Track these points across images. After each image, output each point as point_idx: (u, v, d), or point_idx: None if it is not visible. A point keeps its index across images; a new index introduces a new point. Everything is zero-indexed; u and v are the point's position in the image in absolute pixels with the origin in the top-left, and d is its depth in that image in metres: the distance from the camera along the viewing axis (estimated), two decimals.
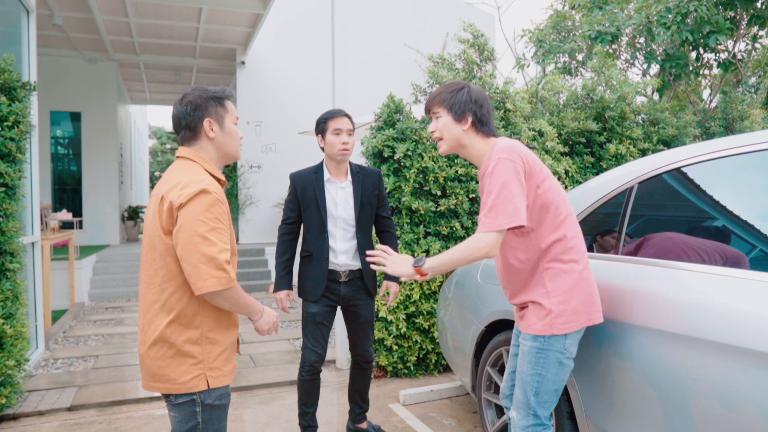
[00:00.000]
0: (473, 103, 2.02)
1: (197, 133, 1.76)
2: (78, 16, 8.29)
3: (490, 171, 1.89)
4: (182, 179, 1.65)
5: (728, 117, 5.90)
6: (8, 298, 3.47)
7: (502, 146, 1.92)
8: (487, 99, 2.08)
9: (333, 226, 2.91)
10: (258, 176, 10.22)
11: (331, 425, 3.39)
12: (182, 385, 1.66)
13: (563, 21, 7.78)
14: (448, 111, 2.04)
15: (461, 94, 2.04)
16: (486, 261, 3.00)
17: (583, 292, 1.92)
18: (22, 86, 3.69)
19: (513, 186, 1.84)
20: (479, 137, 2.04)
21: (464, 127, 2.03)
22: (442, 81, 4.39)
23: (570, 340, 1.93)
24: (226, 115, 1.78)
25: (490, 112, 2.08)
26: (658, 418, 1.84)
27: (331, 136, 2.87)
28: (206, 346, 1.69)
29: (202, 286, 1.59)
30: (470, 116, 2.02)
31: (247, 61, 10.23)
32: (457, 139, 2.05)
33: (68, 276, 7.05)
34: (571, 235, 1.96)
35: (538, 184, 1.92)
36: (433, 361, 4.28)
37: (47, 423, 3.43)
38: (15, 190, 3.59)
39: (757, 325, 1.58)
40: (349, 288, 2.96)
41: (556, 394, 1.97)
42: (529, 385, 1.96)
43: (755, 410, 1.55)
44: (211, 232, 1.60)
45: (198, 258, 1.58)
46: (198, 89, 1.78)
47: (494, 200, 1.83)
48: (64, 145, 10.81)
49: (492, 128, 2.07)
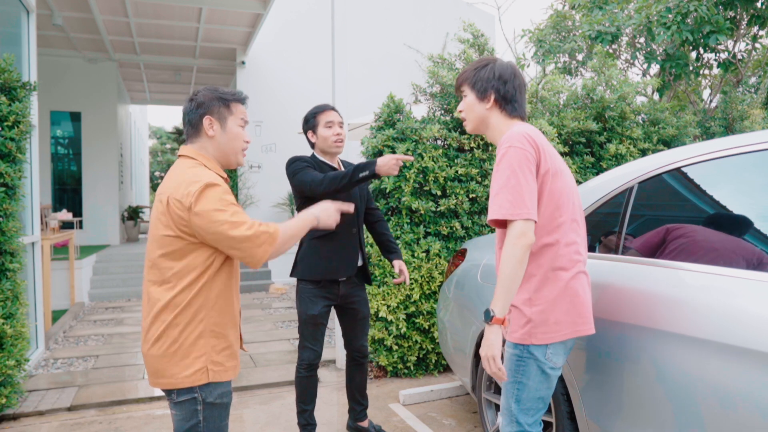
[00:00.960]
0: (496, 79, 1.90)
1: (198, 131, 1.77)
2: (78, 16, 8.29)
3: (498, 160, 1.77)
4: (185, 179, 1.66)
5: (728, 117, 5.90)
6: (8, 298, 3.47)
7: (514, 132, 1.79)
8: (515, 76, 1.93)
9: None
10: (258, 176, 10.22)
11: (331, 425, 3.39)
12: (185, 379, 1.67)
13: (563, 21, 7.78)
14: (471, 89, 1.94)
15: (485, 70, 1.92)
16: (486, 261, 3.00)
17: (569, 302, 1.80)
18: (22, 86, 3.69)
19: (521, 177, 1.72)
20: (503, 117, 1.92)
21: (487, 105, 1.91)
22: (442, 81, 4.39)
23: (552, 350, 1.81)
24: (229, 116, 1.79)
25: (519, 90, 1.92)
26: (659, 417, 1.84)
27: (323, 129, 2.86)
28: (210, 340, 1.70)
29: (260, 258, 1.66)
30: (493, 94, 1.90)
31: (247, 61, 10.23)
32: (479, 118, 1.94)
33: (68, 276, 7.05)
34: (567, 241, 1.82)
35: (543, 180, 1.79)
36: (433, 361, 4.28)
37: (47, 423, 3.43)
38: (15, 190, 3.59)
39: (757, 325, 1.58)
40: (347, 286, 2.97)
41: (542, 402, 1.87)
42: (509, 392, 1.87)
43: (754, 410, 1.55)
44: (233, 216, 1.64)
45: (238, 242, 1.63)
46: (207, 88, 1.81)
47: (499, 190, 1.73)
48: (64, 145, 10.81)
49: (517, 108, 1.92)
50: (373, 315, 4.15)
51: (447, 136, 4.29)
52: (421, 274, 4.16)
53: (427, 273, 4.17)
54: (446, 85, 4.38)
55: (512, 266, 1.68)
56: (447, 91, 4.43)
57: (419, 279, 4.16)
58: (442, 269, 4.20)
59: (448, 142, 4.37)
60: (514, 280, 1.70)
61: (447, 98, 4.45)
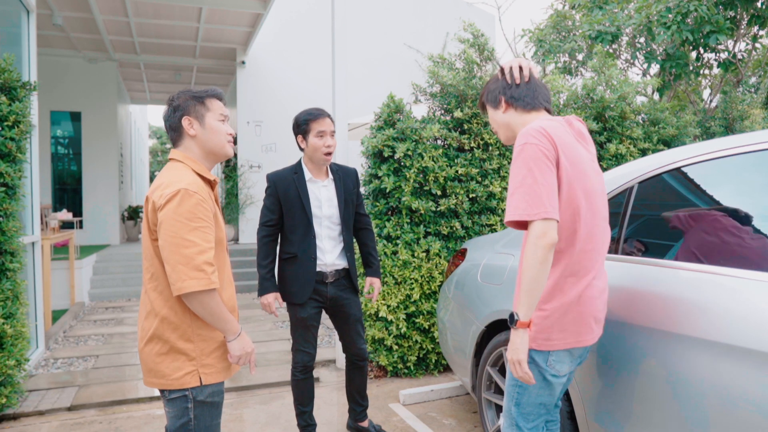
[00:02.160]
0: (502, 86, 1.93)
1: (180, 133, 1.80)
2: (78, 16, 8.29)
3: (514, 157, 1.72)
4: (164, 180, 1.69)
5: (728, 117, 5.89)
6: (8, 298, 3.47)
7: (530, 128, 1.73)
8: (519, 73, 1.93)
9: (318, 225, 2.87)
10: (258, 176, 10.22)
11: (331, 425, 3.39)
12: (175, 381, 1.70)
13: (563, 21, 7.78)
14: (489, 103, 1.98)
15: (491, 82, 1.98)
16: (486, 261, 3.00)
17: (578, 313, 1.75)
18: (23, 86, 3.69)
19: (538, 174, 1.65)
20: (520, 114, 1.90)
21: (502, 110, 1.93)
22: (443, 81, 4.39)
23: (555, 357, 1.77)
24: (206, 113, 1.80)
25: (530, 86, 1.89)
26: (659, 417, 1.84)
27: (314, 139, 2.80)
28: (199, 343, 1.72)
29: (181, 287, 1.58)
30: (502, 98, 1.92)
31: (247, 61, 10.24)
32: (503, 126, 1.95)
33: (68, 276, 7.05)
34: (582, 248, 1.75)
35: (560, 179, 1.71)
36: (433, 360, 4.28)
37: (47, 423, 3.43)
38: (15, 189, 3.59)
39: (757, 324, 1.58)
40: (335, 288, 2.93)
41: (543, 407, 1.83)
42: (509, 395, 1.85)
43: (756, 411, 1.55)
44: (191, 233, 1.61)
45: (177, 259, 1.59)
46: (182, 92, 1.83)
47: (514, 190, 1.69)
48: (64, 145, 10.81)
49: (530, 101, 1.88)
50: (373, 315, 4.15)
51: (447, 135, 4.29)
52: (421, 273, 4.16)
53: (427, 273, 4.17)
54: (446, 85, 4.37)
55: (534, 268, 1.62)
56: (447, 91, 4.43)
57: (419, 279, 4.16)
58: (442, 269, 4.20)
59: (448, 142, 4.37)
60: (537, 282, 1.63)
61: (447, 98, 4.45)
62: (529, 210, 1.64)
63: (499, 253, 2.92)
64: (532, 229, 1.64)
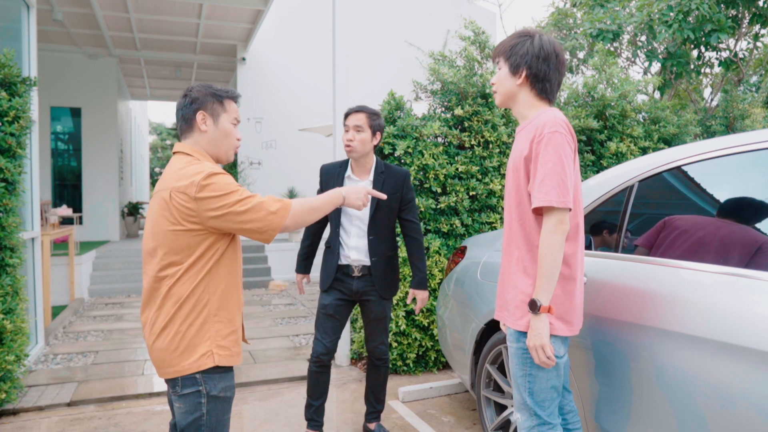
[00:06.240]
0: (532, 56, 1.83)
1: (191, 126, 1.78)
2: (78, 12, 8.28)
3: (545, 143, 1.73)
4: (186, 173, 1.66)
5: (729, 116, 5.89)
6: (8, 294, 3.47)
7: (557, 118, 1.76)
8: (554, 54, 1.85)
9: (347, 221, 2.91)
10: (258, 173, 10.22)
11: (330, 422, 3.39)
12: (192, 365, 1.68)
13: (564, 19, 7.76)
14: (506, 61, 1.88)
15: (521, 45, 1.85)
16: (487, 258, 3.00)
17: (576, 304, 1.85)
18: (23, 81, 3.69)
19: (567, 164, 1.72)
20: (532, 95, 1.86)
21: (518, 81, 1.86)
22: (443, 78, 4.38)
23: (551, 340, 1.80)
24: (222, 113, 1.80)
25: (555, 69, 1.85)
26: (659, 415, 1.85)
27: (344, 134, 2.89)
28: (214, 325, 1.71)
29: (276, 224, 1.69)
30: (525, 70, 1.83)
31: (247, 57, 10.22)
32: (509, 93, 1.90)
33: (68, 272, 7.06)
34: (579, 243, 1.85)
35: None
36: (432, 358, 4.29)
37: (47, 418, 3.44)
38: (15, 185, 3.59)
39: (757, 324, 1.58)
40: (362, 283, 2.93)
41: (555, 391, 1.86)
42: (522, 386, 1.87)
43: (754, 410, 1.55)
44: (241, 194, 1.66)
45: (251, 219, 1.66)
46: (202, 85, 1.81)
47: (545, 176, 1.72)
48: (65, 141, 10.81)
49: (548, 89, 1.86)
50: None
51: (447, 133, 4.29)
52: None
53: (427, 270, 4.17)
54: (447, 83, 4.37)
55: (555, 252, 1.70)
56: (448, 89, 4.43)
57: None
58: (441, 266, 4.20)
59: (449, 139, 4.36)
60: (556, 266, 1.71)
61: (448, 95, 4.44)
62: (559, 198, 1.70)
63: (499, 251, 2.92)
64: (554, 216, 1.71)
